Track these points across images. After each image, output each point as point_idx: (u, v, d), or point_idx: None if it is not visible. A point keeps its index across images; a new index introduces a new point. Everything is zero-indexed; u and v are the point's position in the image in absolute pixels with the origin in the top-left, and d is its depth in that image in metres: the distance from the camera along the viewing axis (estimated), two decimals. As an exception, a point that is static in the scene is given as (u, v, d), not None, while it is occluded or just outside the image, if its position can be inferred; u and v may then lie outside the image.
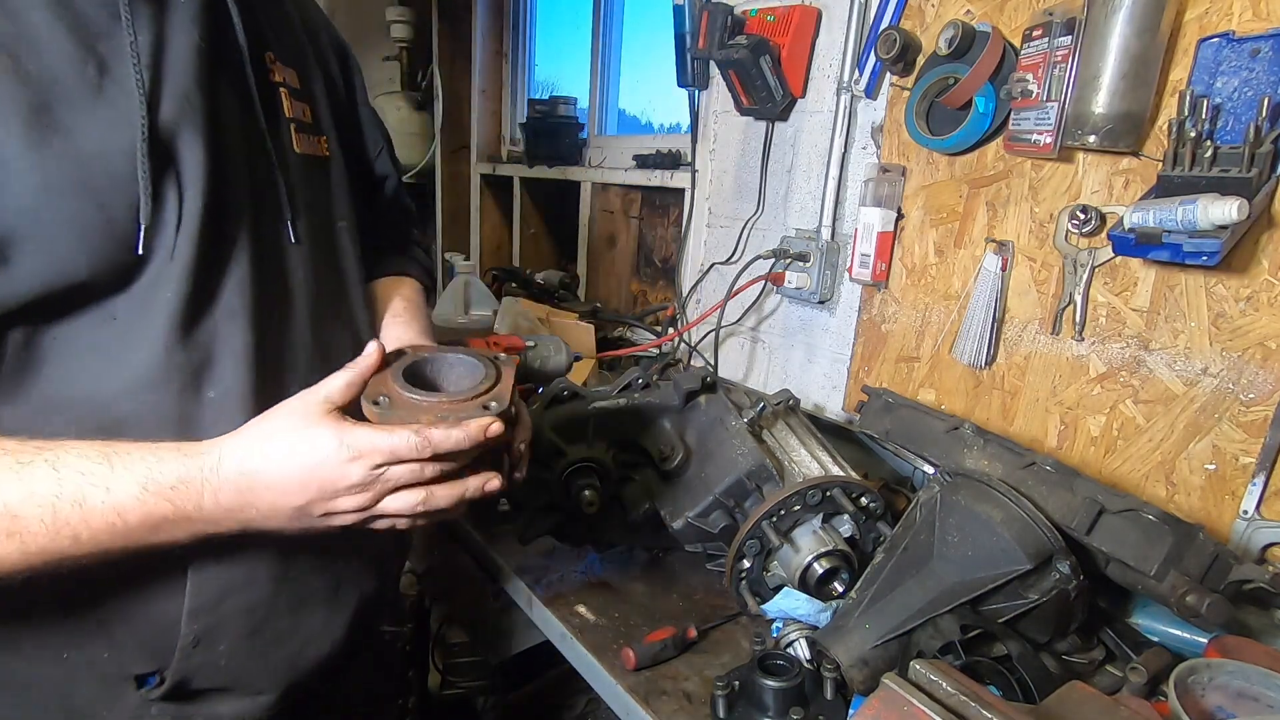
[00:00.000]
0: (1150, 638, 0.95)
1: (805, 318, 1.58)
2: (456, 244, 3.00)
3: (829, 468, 1.04)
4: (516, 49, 2.79)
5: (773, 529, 0.95)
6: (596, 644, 0.96)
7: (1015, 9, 1.15)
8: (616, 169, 2.22)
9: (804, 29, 1.44)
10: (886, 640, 0.83)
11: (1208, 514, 1.02)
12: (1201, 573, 0.81)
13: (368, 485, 0.61)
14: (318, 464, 0.60)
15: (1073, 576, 0.82)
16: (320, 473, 0.60)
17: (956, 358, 1.27)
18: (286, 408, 0.63)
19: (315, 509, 0.61)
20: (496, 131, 2.89)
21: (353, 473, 0.60)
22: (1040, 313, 1.17)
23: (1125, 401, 1.09)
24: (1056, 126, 1.02)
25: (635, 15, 2.36)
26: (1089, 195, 1.10)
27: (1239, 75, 0.92)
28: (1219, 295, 0.98)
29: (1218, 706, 0.74)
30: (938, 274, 1.31)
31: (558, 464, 1.02)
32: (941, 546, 0.86)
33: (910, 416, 1.10)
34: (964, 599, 0.82)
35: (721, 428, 1.03)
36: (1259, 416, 0.96)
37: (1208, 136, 0.92)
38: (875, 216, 1.34)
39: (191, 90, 0.62)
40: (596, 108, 2.48)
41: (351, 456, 0.60)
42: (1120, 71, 0.96)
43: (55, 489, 0.54)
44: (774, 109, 1.51)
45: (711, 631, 1.00)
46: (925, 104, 1.24)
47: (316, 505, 0.61)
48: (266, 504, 0.60)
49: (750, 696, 0.82)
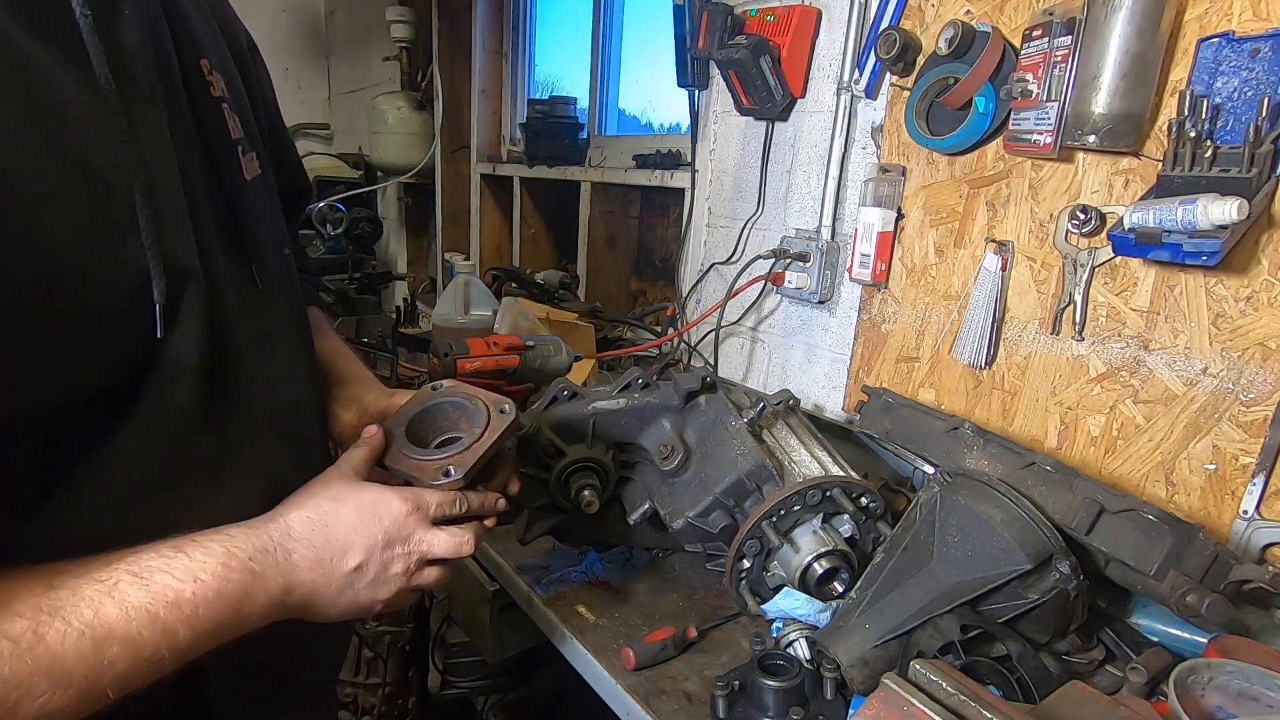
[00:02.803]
0: (1150, 638, 0.95)
1: (805, 318, 1.58)
2: (456, 244, 3.01)
3: (829, 468, 1.04)
4: (516, 49, 2.79)
5: (773, 529, 0.95)
6: (596, 644, 0.96)
7: (1015, 9, 1.15)
8: (616, 169, 2.22)
9: (804, 29, 1.44)
10: (886, 640, 0.83)
11: (1208, 514, 1.02)
12: (1201, 573, 0.81)
13: (421, 544, 0.66)
14: (385, 510, 0.64)
15: (1073, 576, 0.82)
16: (386, 519, 0.64)
17: (956, 358, 1.27)
18: (326, 478, 0.66)
19: (373, 565, 0.63)
20: (496, 131, 2.89)
21: (412, 524, 0.65)
22: (1040, 313, 1.17)
23: (1125, 401, 1.09)
24: (1056, 126, 1.02)
25: (635, 15, 2.36)
26: (1089, 195, 1.10)
27: (1239, 75, 0.92)
28: (1219, 295, 0.98)
29: (1218, 706, 0.74)
30: (938, 274, 1.31)
31: (557, 464, 1.02)
32: (941, 546, 0.86)
33: (910, 416, 1.10)
34: (964, 599, 0.82)
35: (721, 428, 1.03)
36: (1259, 416, 0.96)
37: (1208, 136, 0.92)
38: (875, 216, 1.34)
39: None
40: (596, 108, 2.48)
41: (414, 507, 0.65)
42: (1120, 71, 0.96)
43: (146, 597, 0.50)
44: (774, 109, 1.51)
45: (711, 631, 1.00)
46: (925, 104, 1.24)
47: (374, 561, 0.63)
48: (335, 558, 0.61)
49: (750, 696, 0.82)
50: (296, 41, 3.62)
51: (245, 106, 0.71)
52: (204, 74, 0.63)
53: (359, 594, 0.63)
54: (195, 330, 0.54)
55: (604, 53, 2.42)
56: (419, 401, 0.79)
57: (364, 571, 0.62)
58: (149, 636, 0.49)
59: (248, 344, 0.62)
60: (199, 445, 0.58)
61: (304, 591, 0.59)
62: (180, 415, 0.55)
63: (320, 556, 0.60)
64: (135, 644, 0.49)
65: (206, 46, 0.64)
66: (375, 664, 1.57)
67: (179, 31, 0.60)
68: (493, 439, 0.74)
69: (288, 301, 0.74)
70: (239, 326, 0.61)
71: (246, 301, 0.64)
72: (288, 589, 0.58)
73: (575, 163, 2.39)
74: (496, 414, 0.77)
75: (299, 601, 0.60)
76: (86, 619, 0.47)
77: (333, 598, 0.62)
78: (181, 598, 0.51)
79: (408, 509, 0.65)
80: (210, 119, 0.63)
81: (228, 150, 0.65)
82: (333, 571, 0.61)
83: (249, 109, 0.72)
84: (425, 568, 0.67)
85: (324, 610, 0.62)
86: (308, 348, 0.80)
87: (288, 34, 3.58)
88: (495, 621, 1.22)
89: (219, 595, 0.53)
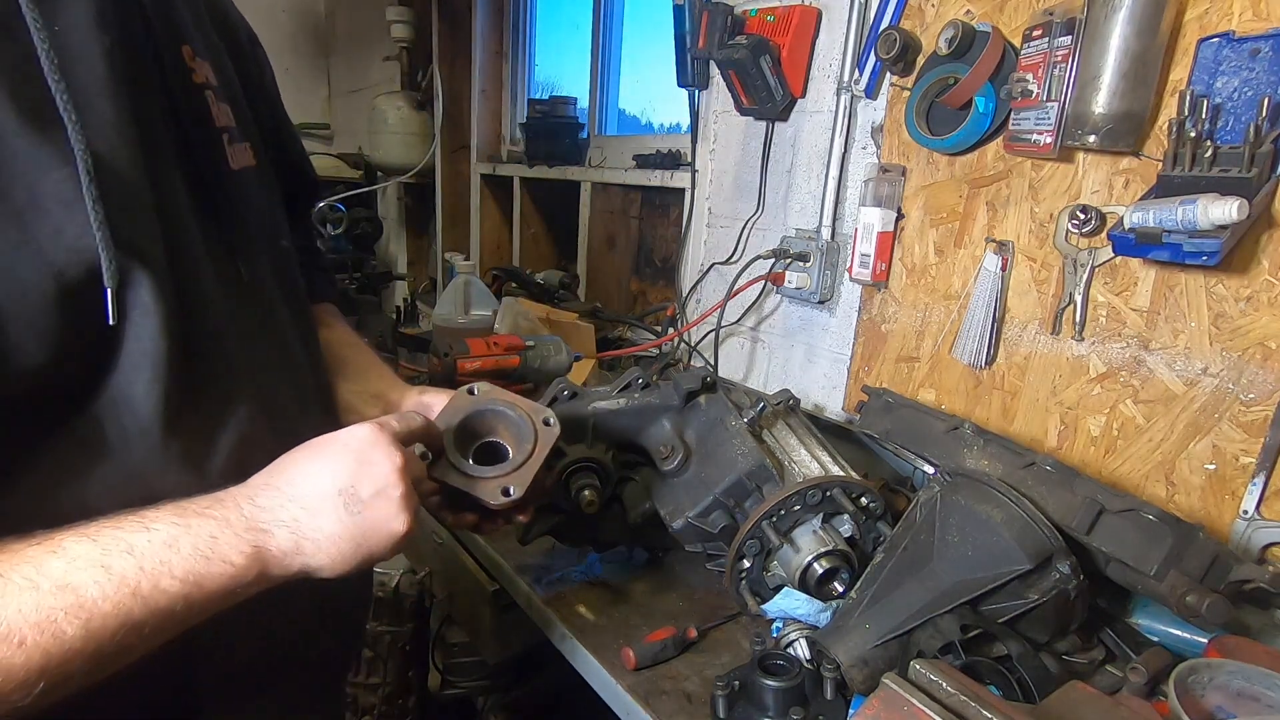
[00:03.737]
0: (1150, 638, 0.95)
1: (805, 318, 1.58)
2: (456, 244, 3.00)
3: (829, 468, 1.04)
4: (516, 49, 2.79)
5: (773, 529, 0.95)
6: (596, 644, 0.96)
7: (1015, 9, 1.15)
8: (616, 169, 2.22)
9: (804, 29, 1.44)
10: (886, 640, 0.83)
11: (1208, 514, 1.02)
12: (1201, 573, 0.81)
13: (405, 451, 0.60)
14: (347, 435, 0.59)
15: (1073, 576, 0.82)
16: (352, 442, 0.59)
17: (956, 358, 1.27)
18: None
19: (363, 484, 0.57)
20: (496, 131, 2.89)
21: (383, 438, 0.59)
22: (1040, 313, 1.17)
23: (1125, 401, 1.09)
24: (1056, 126, 1.02)
25: (635, 15, 2.36)
26: (1089, 195, 1.10)
27: (1239, 75, 0.92)
28: (1219, 295, 0.98)
29: (1218, 706, 0.74)
30: (938, 274, 1.31)
31: (558, 464, 1.02)
32: (941, 546, 0.86)
33: (910, 416, 1.10)
34: (964, 599, 0.82)
35: (721, 428, 1.03)
36: (1259, 416, 0.96)
37: (1208, 136, 0.92)
38: (875, 216, 1.34)
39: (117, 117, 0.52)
40: (596, 108, 2.48)
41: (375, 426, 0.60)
42: (1120, 71, 0.96)
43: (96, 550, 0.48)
44: (774, 109, 1.50)
45: (711, 631, 1.00)
46: (925, 104, 1.24)
47: (362, 479, 0.57)
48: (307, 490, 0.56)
49: (750, 696, 0.82)
50: (296, 41, 3.61)
51: (238, 96, 0.68)
52: (185, 60, 0.60)
53: (363, 518, 0.57)
54: (157, 318, 0.51)
55: (604, 53, 2.42)
56: (459, 409, 0.76)
57: (354, 493, 0.57)
58: (104, 585, 0.46)
59: (231, 337, 0.60)
60: (172, 440, 0.55)
61: (286, 532, 0.55)
62: (149, 409, 0.52)
63: (290, 494, 0.56)
64: (88, 594, 0.46)
65: (190, 33, 0.62)
66: (375, 664, 1.57)
67: (156, 17, 0.58)
68: (544, 454, 0.74)
69: (284, 295, 0.71)
70: (217, 318, 0.59)
71: (229, 292, 0.61)
72: (259, 528, 0.54)
73: (575, 163, 2.39)
74: (542, 426, 0.76)
75: (289, 543, 0.55)
76: (26, 573, 0.45)
77: (331, 529, 0.56)
78: (134, 545, 0.48)
79: (369, 429, 0.60)
80: (188, 105, 0.60)
81: (210, 138, 0.63)
82: (312, 503, 0.56)
83: (242, 99, 0.69)
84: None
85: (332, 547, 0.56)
86: (307, 342, 0.76)
87: (288, 34, 3.57)
88: (495, 621, 1.22)
89: (176, 540, 0.50)
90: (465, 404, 0.77)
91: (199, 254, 0.58)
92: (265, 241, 0.70)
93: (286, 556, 0.55)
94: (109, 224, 0.48)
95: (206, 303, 0.58)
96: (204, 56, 0.63)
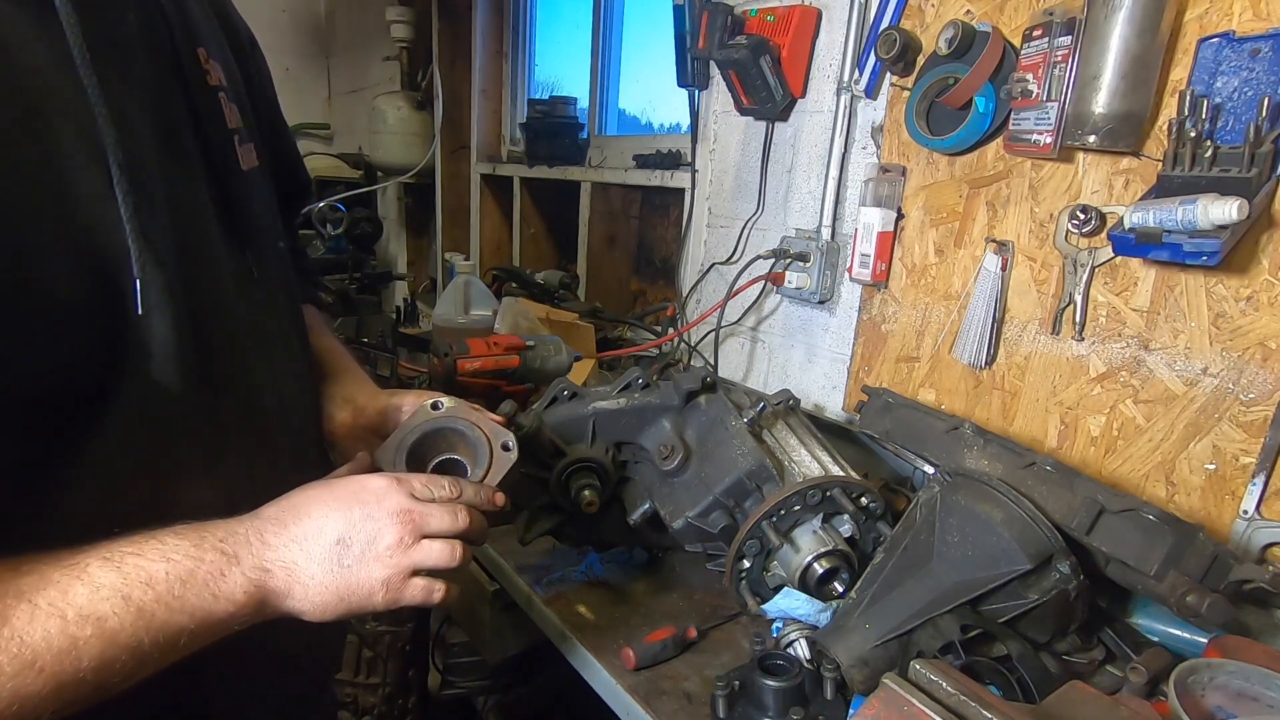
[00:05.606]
0: (1150, 638, 0.95)
1: (805, 318, 1.58)
2: (456, 244, 3.01)
3: (829, 468, 1.04)
4: (516, 49, 2.79)
5: (773, 529, 0.95)
6: (596, 644, 0.96)
7: (1015, 9, 1.15)
8: (616, 169, 2.22)
9: (804, 29, 1.44)
10: (886, 640, 0.83)
11: (1208, 514, 1.02)
12: (1201, 573, 0.81)
13: (411, 514, 0.61)
14: (361, 485, 0.61)
15: (1073, 576, 0.82)
16: (364, 494, 0.60)
17: (956, 358, 1.27)
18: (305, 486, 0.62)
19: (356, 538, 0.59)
20: (496, 131, 2.89)
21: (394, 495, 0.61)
22: (1040, 313, 1.17)
23: (1125, 401, 1.09)
24: (1056, 126, 1.02)
25: (635, 15, 2.36)
26: (1089, 195, 1.10)
27: (1239, 75, 0.92)
28: (1219, 295, 0.98)
29: (1218, 706, 0.74)
30: (938, 274, 1.31)
31: (558, 464, 1.02)
32: (941, 546, 0.86)
33: (910, 416, 1.10)
34: (964, 599, 0.82)
35: (721, 428, 1.03)
36: (1259, 416, 0.96)
37: (1208, 136, 0.92)
38: (875, 216, 1.34)
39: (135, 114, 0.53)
40: (596, 108, 2.48)
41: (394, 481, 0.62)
42: (1120, 71, 0.96)
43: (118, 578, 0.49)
44: (774, 109, 1.50)
45: (711, 631, 1.00)
46: (925, 104, 1.24)
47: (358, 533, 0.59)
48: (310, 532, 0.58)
49: (750, 696, 0.82)
50: (296, 41, 3.62)
51: (244, 97, 0.70)
52: (200, 62, 0.62)
53: (350, 573, 0.58)
54: (173, 311, 0.53)
55: (604, 53, 2.42)
56: (417, 426, 0.74)
57: (348, 546, 0.58)
58: (123, 617, 0.48)
59: (244, 334, 0.62)
60: (189, 433, 0.56)
61: (284, 573, 0.56)
62: (167, 400, 0.54)
63: (294, 535, 0.57)
64: (108, 625, 0.47)
65: (204, 35, 0.64)
66: (375, 664, 1.57)
67: (174, 18, 0.59)
68: (498, 479, 0.71)
69: (285, 296, 0.73)
70: (233, 313, 0.61)
71: (243, 289, 0.63)
72: (263, 567, 0.55)
73: (575, 163, 2.39)
74: (500, 451, 0.73)
75: (283, 585, 0.56)
76: (53, 599, 0.46)
77: (321, 578, 0.57)
78: (154, 578, 0.50)
79: (386, 483, 0.62)
80: (206, 106, 0.62)
81: (224, 138, 0.64)
82: (311, 548, 0.57)
83: (247, 100, 0.71)
84: (422, 541, 0.62)
85: (318, 595, 0.57)
86: (304, 344, 0.79)
87: (288, 34, 3.58)
88: (495, 621, 1.22)
89: (192, 575, 0.51)
90: (423, 420, 0.74)
91: (219, 253, 0.61)
92: (270, 241, 0.72)
93: (278, 597, 0.56)
94: (137, 218, 0.50)
95: (223, 297, 0.60)
96: (216, 58, 0.65)
